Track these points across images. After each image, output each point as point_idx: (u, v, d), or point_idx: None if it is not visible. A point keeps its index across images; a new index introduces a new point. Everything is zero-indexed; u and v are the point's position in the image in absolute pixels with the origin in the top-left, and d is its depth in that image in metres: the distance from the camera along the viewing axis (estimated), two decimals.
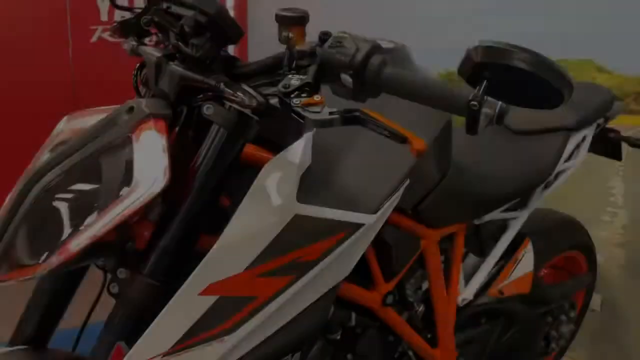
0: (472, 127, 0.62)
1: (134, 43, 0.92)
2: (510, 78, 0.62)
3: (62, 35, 2.96)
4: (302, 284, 0.80)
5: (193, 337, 0.74)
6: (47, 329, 0.92)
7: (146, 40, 0.94)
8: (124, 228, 0.79)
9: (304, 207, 0.78)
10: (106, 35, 3.11)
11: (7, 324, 0.94)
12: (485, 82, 0.62)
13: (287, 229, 0.77)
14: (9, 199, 0.81)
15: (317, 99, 0.67)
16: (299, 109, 0.68)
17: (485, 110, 0.61)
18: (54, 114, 3.21)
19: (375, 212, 0.87)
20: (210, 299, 0.74)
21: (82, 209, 0.75)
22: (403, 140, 0.67)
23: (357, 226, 0.84)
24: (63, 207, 0.76)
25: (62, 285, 0.92)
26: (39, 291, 0.92)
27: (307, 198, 0.79)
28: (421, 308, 1.25)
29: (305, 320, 0.85)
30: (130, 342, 0.77)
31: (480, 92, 0.62)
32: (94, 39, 3.07)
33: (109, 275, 0.86)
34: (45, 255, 0.73)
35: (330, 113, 0.67)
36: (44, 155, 0.84)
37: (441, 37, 2.11)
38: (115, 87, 0.99)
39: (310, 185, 0.81)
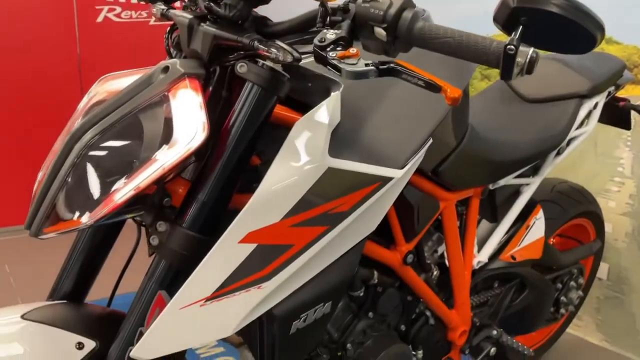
0: (507, 72, 0.64)
1: (163, 7, 0.94)
2: (545, 23, 0.65)
3: (69, 15, 2.97)
4: (335, 234, 0.84)
5: (233, 283, 0.77)
6: (84, 285, 0.96)
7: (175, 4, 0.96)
8: (162, 183, 0.82)
9: (336, 161, 0.81)
10: (112, 15, 3.12)
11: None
12: (521, 27, 0.64)
13: (320, 182, 0.80)
14: (50, 158, 0.84)
15: (353, 52, 0.70)
16: (335, 62, 0.70)
17: (519, 58, 0.64)
18: (61, 92, 3.24)
19: (402, 167, 0.90)
20: (249, 247, 0.77)
21: (123, 165, 0.78)
22: (438, 89, 0.69)
23: (386, 180, 0.87)
24: (104, 163, 0.79)
25: (99, 242, 0.96)
26: (76, 248, 0.95)
27: (338, 153, 0.83)
28: (437, 271, 1.29)
29: (335, 272, 0.89)
30: (171, 291, 0.81)
31: (517, 36, 0.64)
32: (99, 18, 3.08)
33: (139, 236, 0.91)
34: (90, 207, 0.76)
35: (366, 65, 0.69)
36: (80, 116, 0.86)
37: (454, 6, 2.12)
38: (120, 66, 1.01)
39: (341, 141, 0.84)
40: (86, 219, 0.76)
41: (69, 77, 3.01)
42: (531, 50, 0.64)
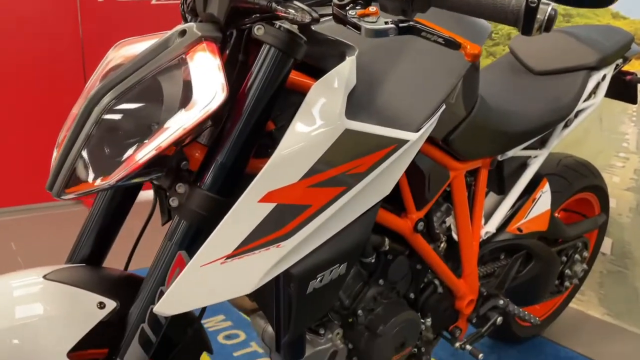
0: (528, 27, 0.65)
1: None
2: None
3: None
4: (351, 195, 0.85)
5: (253, 241, 0.79)
6: (102, 249, 0.97)
7: None
8: (180, 146, 0.84)
9: (353, 123, 0.83)
10: None
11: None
12: None
13: (338, 143, 0.81)
14: (68, 122, 0.85)
15: (372, 10, 0.70)
16: (355, 20, 0.71)
17: (538, 15, 0.64)
18: (63, 73, 3.23)
19: (416, 130, 0.91)
20: (269, 206, 0.79)
21: (142, 127, 0.79)
22: (458, 46, 0.70)
23: (402, 142, 0.88)
24: (124, 126, 0.80)
25: (115, 208, 0.97)
26: (93, 213, 0.96)
27: (355, 115, 0.84)
28: (445, 244, 1.31)
29: (351, 234, 0.90)
30: (190, 252, 0.82)
31: None
32: None
33: (155, 202, 0.93)
34: (111, 168, 0.78)
35: (386, 23, 0.70)
36: (98, 80, 0.87)
37: None
38: None
39: (356, 104, 0.85)
40: (108, 179, 0.77)
41: (71, 57, 3.01)
42: (550, 6, 0.64)
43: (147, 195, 1.02)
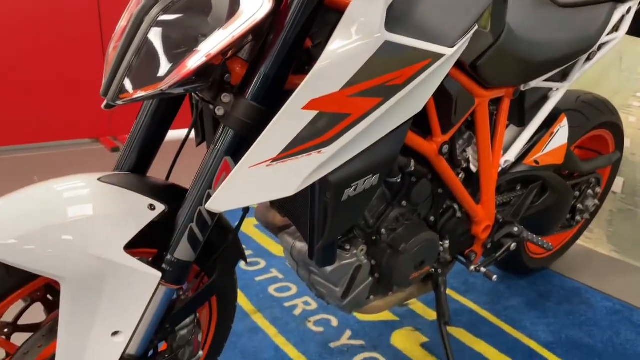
0: None
1: None
2: None
3: None
4: (388, 107, 0.90)
5: (297, 146, 0.84)
6: (147, 159, 1.03)
7: None
8: (224, 59, 0.88)
9: (392, 35, 0.86)
10: None
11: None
12: None
13: (377, 55, 0.85)
14: (118, 32, 0.89)
15: None
16: None
17: None
18: (79, 27, 3.18)
19: (452, 46, 0.95)
20: (311, 114, 0.83)
21: (191, 37, 0.83)
22: None
23: (438, 56, 0.92)
24: (174, 36, 0.84)
25: (159, 119, 1.02)
26: (139, 124, 1.02)
27: (393, 28, 0.87)
28: (464, 174, 1.36)
29: (384, 147, 0.96)
30: (236, 158, 0.88)
31: None
32: None
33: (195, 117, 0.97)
34: (163, 75, 0.82)
35: None
36: None
37: None
38: None
39: (395, 18, 0.89)
40: (159, 85, 0.82)
41: (87, 12, 2.99)
42: None
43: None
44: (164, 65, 0.82)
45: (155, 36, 0.84)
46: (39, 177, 0.99)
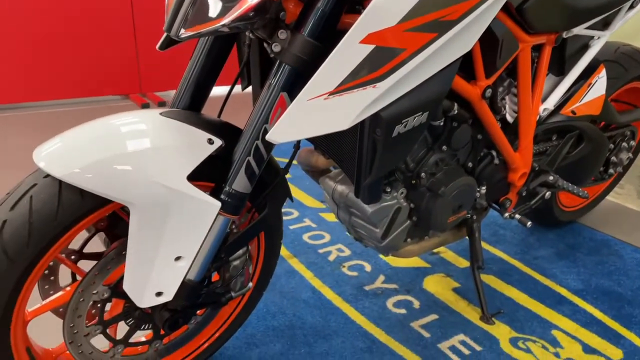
0: None
1: None
2: None
3: None
4: (442, 42, 0.92)
5: (353, 80, 0.87)
6: (201, 97, 1.07)
7: None
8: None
9: None
10: None
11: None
12: None
13: None
14: None
15: None
16: None
17: None
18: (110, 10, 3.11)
19: None
20: (368, 48, 0.86)
21: None
22: None
23: None
24: None
25: (213, 59, 1.05)
26: (193, 62, 1.05)
27: None
28: (500, 123, 1.38)
29: (433, 85, 0.98)
30: (292, 94, 0.91)
31: None
32: None
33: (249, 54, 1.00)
34: (224, 11, 0.85)
35: None
36: None
37: None
38: None
39: None
40: (222, 20, 0.85)
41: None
42: None
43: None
44: (226, 2, 0.85)
45: None
46: None
